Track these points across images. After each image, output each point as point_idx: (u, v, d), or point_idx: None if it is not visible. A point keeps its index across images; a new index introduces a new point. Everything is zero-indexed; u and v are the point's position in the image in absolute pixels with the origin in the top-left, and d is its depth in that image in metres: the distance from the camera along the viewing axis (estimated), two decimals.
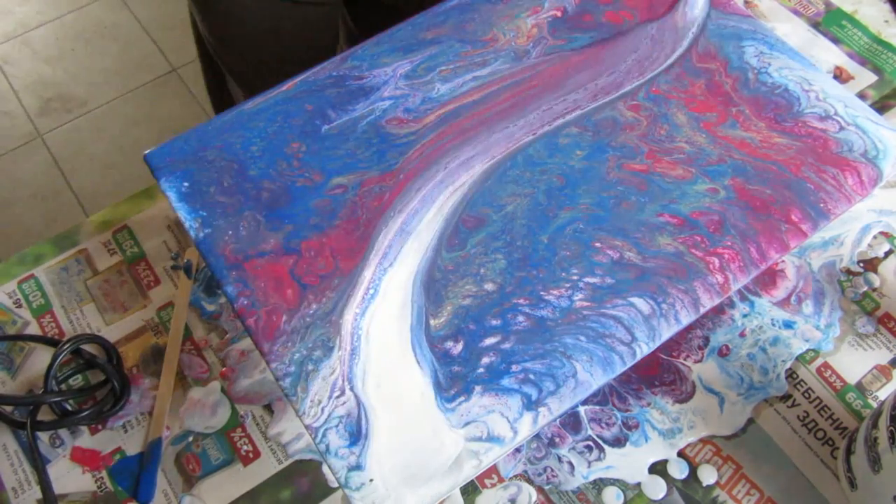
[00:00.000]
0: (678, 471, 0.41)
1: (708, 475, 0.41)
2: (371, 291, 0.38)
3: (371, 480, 0.34)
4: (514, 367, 0.36)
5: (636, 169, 0.42)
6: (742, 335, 0.44)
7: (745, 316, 0.45)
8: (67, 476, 0.43)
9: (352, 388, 0.35)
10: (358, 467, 0.34)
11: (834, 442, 0.42)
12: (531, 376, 0.36)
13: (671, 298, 0.38)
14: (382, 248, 0.39)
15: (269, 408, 0.44)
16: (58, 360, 0.44)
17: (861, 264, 0.47)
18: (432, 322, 0.37)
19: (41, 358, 0.46)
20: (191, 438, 0.44)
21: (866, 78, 0.56)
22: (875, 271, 0.47)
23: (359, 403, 0.35)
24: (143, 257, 0.50)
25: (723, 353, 0.44)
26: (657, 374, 0.43)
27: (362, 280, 0.38)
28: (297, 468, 0.43)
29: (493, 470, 0.41)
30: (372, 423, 0.35)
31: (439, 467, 0.34)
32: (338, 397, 0.35)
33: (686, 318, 0.38)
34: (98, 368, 0.45)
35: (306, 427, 0.35)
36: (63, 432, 0.44)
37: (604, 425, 0.42)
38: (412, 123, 0.43)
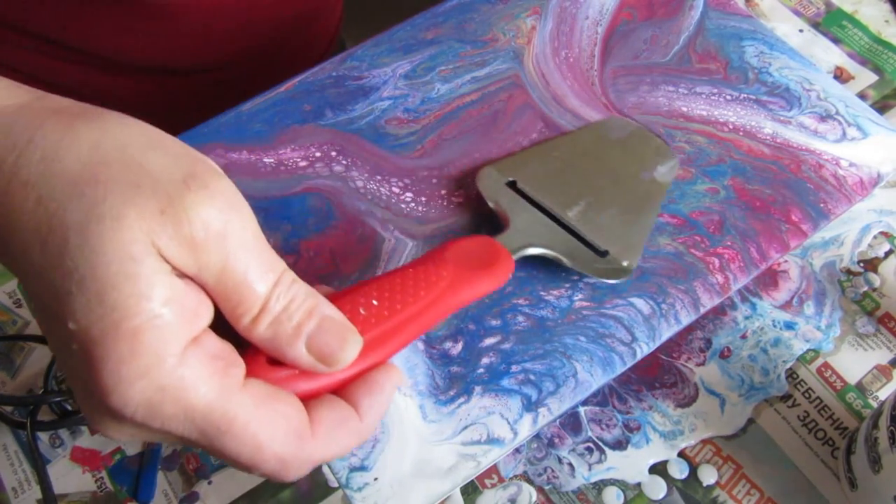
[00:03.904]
0: (678, 471, 0.41)
1: (708, 475, 0.41)
2: None
3: (375, 479, 0.34)
4: (513, 368, 0.36)
5: None
6: (743, 337, 0.44)
7: (746, 318, 0.45)
8: (67, 476, 0.43)
9: None
10: (362, 468, 0.34)
11: (834, 442, 0.42)
12: (531, 377, 0.36)
13: (671, 298, 0.38)
14: (387, 252, 0.39)
15: None
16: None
17: (861, 264, 0.47)
18: None
19: (41, 358, 0.46)
20: None
21: (866, 78, 0.55)
22: (875, 271, 0.47)
23: None
24: None
25: (724, 355, 0.44)
26: (657, 376, 0.43)
27: None
28: None
29: (494, 470, 0.41)
30: (381, 425, 0.35)
31: (437, 470, 0.34)
32: None
33: (686, 318, 0.38)
34: None
35: None
36: (63, 432, 0.44)
37: (604, 427, 0.42)
38: (412, 123, 0.43)
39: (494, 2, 0.48)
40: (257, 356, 0.25)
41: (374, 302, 0.28)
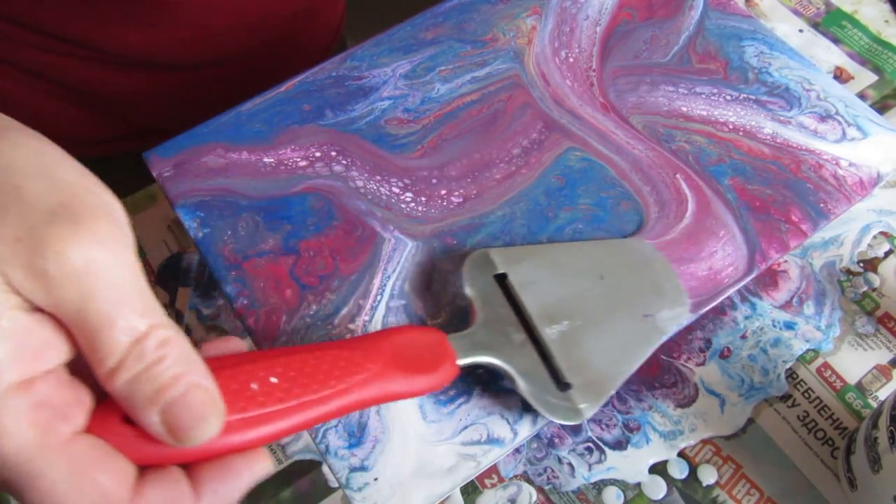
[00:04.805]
0: (678, 471, 0.41)
1: (708, 475, 0.41)
2: (378, 298, 0.38)
3: (375, 479, 0.34)
4: None
5: None
6: (743, 337, 0.44)
7: (746, 318, 0.45)
8: None
9: None
10: (362, 468, 0.34)
11: (834, 442, 0.42)
12: None
13: None
14: (387, 252, 0.39)
15: None
16: None
17: (861, 264, 0.47)
18: (430, 323, 0.37)
19: None
20: None
21: (866, 78, 0.55)
22: (875, 271, 0.47)
23: None
24: (144, 257, 0.50)
25: (724, 355, 0.44)
26: (657, 376, 0.43)
27: (371, 285, 0.38)
28: (297, 468, 0.43)
29: (494, 470, 0.41)
30: (381, 425, 0.35)
31: (437, 470, 0.34)
32: None
33: (686, 319, 0.38)
34: None
35: None
36: None
37: (604, 427, 0.42)
38: (412, 123, 0.43)
39: (494, 2, 0.48)
40: (112, 409, 0.23)
41: (273, 379, 0.25)
